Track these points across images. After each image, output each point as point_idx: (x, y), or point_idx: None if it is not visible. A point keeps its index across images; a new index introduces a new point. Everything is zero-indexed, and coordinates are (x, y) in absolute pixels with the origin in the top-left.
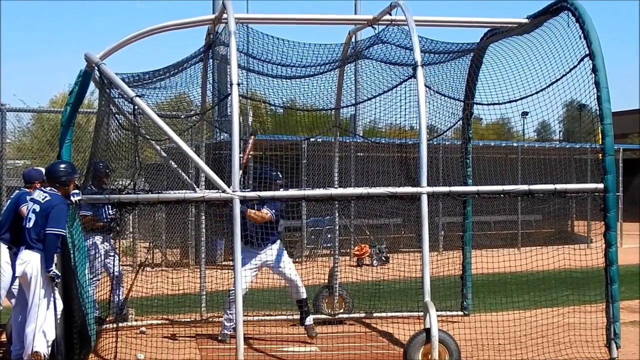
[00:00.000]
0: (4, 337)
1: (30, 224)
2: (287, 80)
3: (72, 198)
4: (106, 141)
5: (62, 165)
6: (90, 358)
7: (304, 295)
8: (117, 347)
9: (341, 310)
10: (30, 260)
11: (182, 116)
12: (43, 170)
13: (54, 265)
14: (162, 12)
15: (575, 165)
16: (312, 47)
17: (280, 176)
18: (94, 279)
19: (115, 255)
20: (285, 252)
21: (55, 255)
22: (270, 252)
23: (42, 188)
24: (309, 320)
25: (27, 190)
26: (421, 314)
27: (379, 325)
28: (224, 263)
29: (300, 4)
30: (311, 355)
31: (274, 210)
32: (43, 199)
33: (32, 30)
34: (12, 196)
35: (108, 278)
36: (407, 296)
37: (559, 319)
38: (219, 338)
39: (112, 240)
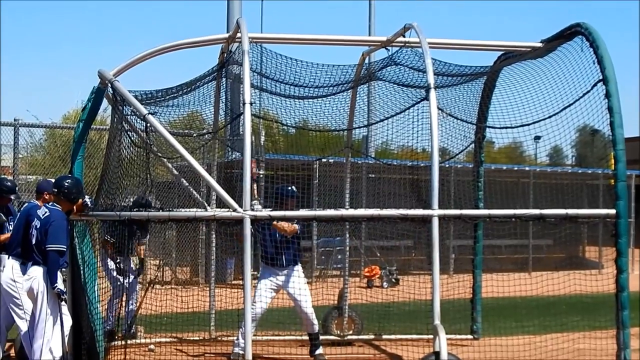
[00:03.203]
0: (12, 352)
1: (34, 240)
2: (300, 100)
3: (86, 201)
4: (118, 158)
5: (69, 181)
6: None
7: (317, 329)
8: None
9: (350, 332)
10: (36, 276)
11: (194, 134)
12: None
13: (59, 281)
14: (177, 30)
15: (587, 190)
16: (325, 68)
17: (295, 190)
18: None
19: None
20: (304, 279)
21: (60, 271)
22: (291, 276)
23: (47, 204)
24: (319, 350)
25: (37, 203)
26: (431, 336)
27: (388, 347)
28: (233, 282)
29: (314, 24)
30: None
31: (298, 225)
32: (43, 215)
33: (46, 47)
34: (21, 210)
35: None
36: (417, 319)
37: (569, 344)
38: (232, 357)
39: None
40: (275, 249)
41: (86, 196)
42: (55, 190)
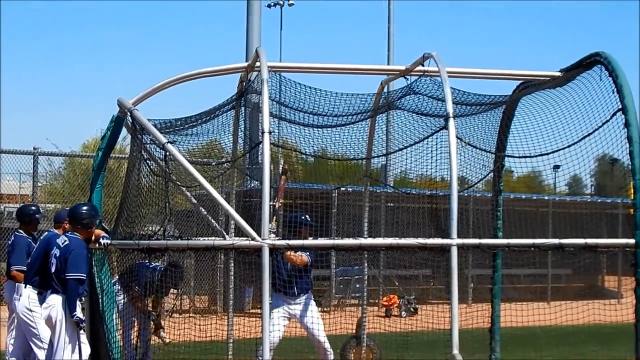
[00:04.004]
0: None
1: (53, 269)
2: (319, 129)
3: (100, 241)
4: (137, 187)
5: (85, 208)
6: None
7: (331, 357)
8: None
9: None
10: (55, 305)
11: (213, 163)
12: None
13: (78, 310)
14: (196, 59)
15: (606, 219)
16: (344, 97)
17: (309, 219)
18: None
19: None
20: (315, 308)
21: (80, 299)
22: (302, 305)
23: (66, 232)
24: None
25: (56, 232)
26: None
27: None
28: (252, 311)
29: (333, 53)
30: None
31: (308, 254)
32: (63, 243)
33: (66, 75)
34: (41, 238)
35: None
36: (435, 348)
37: None
38: None
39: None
40: (287, 278)
41: (107, 238)
42: (69, 219)
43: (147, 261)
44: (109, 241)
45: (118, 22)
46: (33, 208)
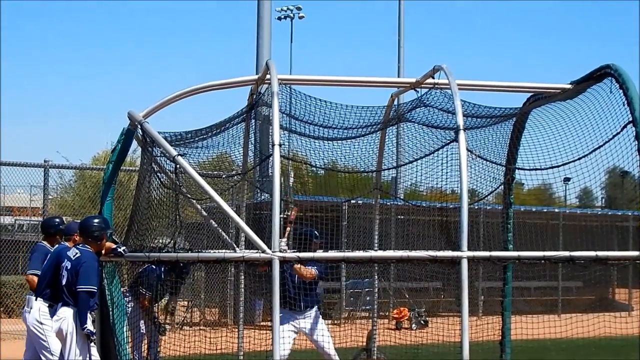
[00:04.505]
0: None
1: (64, 281)
2: (329, 141)
3: (118, 249)
4: (147, 199)
5: (95, 220)
6: None
7: None
8: None
9: None
10: (65, 317)
11: (224, 176)
12: None
13: (89, 322)
14: (206, 71)
15: (617, 232)
16: (354, 109)
17: (317, 234)
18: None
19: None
20: (322, 321)
21: (90, 312)
22: (309, 318)
23: (77, 245)
24: None
25: (66, 244)
26: None
27: None
28: (262, 323)
29: (343, 66)
30: None
31: (315, 268)
32: (74, 256)
33: (76, 88)
34: (52, 251)
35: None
36: None
37: None
38: None
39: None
40: (294, 292)
41: (122, 247)
42: (80, 231)
43: (153, 266)
44: (124, 248)
45: (129, 36)
46: (57, 220)
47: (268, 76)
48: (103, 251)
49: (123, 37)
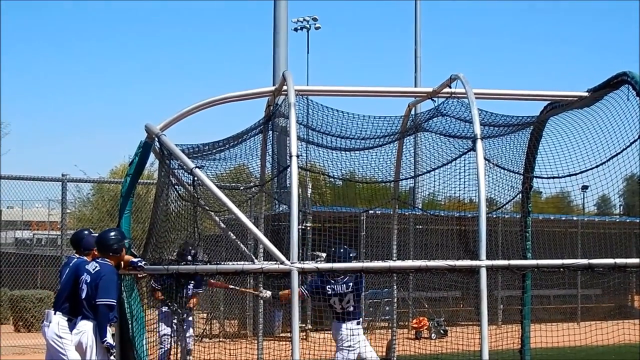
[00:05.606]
0: None
1: (84, 295)
2: (347, 152)
3: (139, 263)
4: (165, 212)
5: (112, 233)
6: None
7: None
8: None
9: None
10: (85, 330)
11: (242, 187)
12: None
13: (108, 336)
14: (223, 83)
15: (635, 239)
16: (371, 120)
17: (354, 254)
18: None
19: (189, 328)
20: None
21: (110, 325)
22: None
23: (96, 258)
24: None
25: (85, 258)
26: None
27: None
28: (281, 334)
29: (360, 76)
30: None
31: (305, 287)
32: (94, 269)
33: (94, 102)
34: (70, 265)
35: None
36: None
37: None
38: None
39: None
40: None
41: (142, 261)
42: (97, 246)
43: None
44: (145, 262)
45: (147, 49)
46: (86, 232)
47: (285, 87)
48: (122, 264)
49: (140, 51)
